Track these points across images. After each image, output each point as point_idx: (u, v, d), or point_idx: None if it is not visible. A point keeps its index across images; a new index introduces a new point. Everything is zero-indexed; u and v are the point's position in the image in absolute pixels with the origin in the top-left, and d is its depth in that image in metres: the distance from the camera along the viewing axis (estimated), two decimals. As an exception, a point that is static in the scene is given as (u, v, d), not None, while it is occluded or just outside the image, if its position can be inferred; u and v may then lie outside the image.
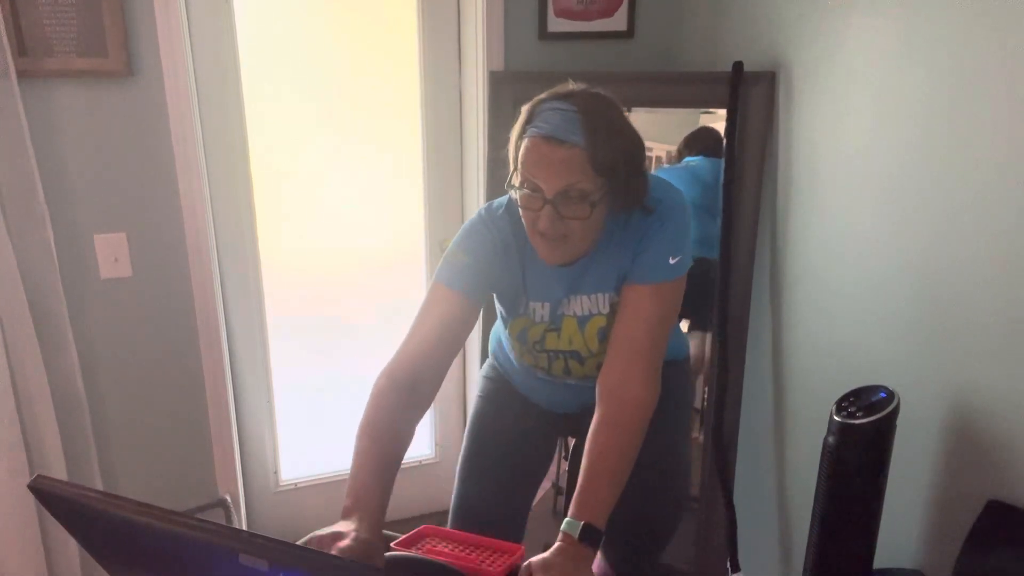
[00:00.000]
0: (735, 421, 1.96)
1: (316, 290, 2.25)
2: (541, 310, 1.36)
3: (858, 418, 1.33)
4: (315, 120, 2.11)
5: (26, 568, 1.82)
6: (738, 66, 1.79)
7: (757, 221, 1.85)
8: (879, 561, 1.43)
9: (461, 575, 1.08)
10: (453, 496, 1.54)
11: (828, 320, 1.68)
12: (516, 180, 1.22)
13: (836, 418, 1.37)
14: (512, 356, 1.52)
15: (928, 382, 1.44)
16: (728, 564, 1.94)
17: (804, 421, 1.79)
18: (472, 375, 2.32)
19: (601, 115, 1.17)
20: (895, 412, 1.33)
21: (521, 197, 1.21)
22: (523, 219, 1.24)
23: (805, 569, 1.47)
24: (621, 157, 1.18)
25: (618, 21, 2.06)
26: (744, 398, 1.95)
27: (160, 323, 1.93)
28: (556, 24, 2.02)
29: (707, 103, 1.90)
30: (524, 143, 1.19)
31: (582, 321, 1.35)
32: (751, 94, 1.80)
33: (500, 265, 1.32)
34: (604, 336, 1.35)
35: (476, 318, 1.31)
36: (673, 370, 1.30)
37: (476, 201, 2.14)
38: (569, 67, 2.01)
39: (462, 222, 1.65)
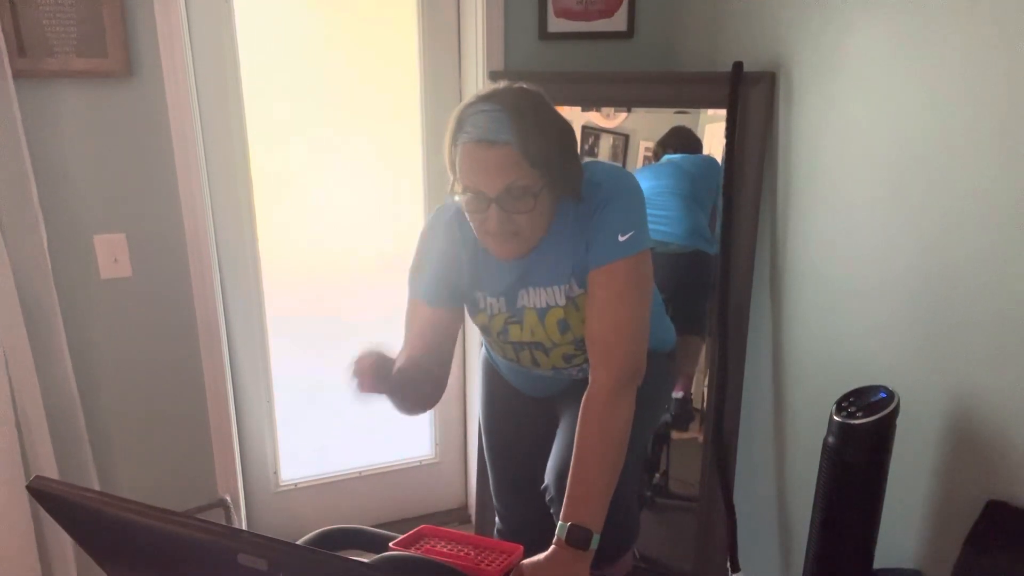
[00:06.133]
0: (735, 421, 1.96)
1: (316, 290, 2.25)
2: (496, 304, 1.38)
3: (858, 418, 1.34)
4: (315, 120, 2.11)
5: (21, 569, 1.81)
6: (738, 66, 1.79)
7: (757, 221, 1.85)
8: (879, 561, 1.43)
9: (460, 575, 1.08)
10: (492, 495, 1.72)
11: (828, 320, 1.68)
12: (458, 187, 1.23)
13: (836, 418, 1.37)
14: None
15: (928, 382, 1.43)
16: (728, 564, 1.94)
17: (804, 421, 1.79)
18: (471, 377, 2.32)
19: (527, 109, 1.19)
20: (895, 412, 1.33)
21: (466, 202, 1.22)
22: (471, 222, 1.26)
23: (805, 569, 1.47)
24: (554, 146, 1.20)
25: (618, 21, 2.06)
26: (744, 398, 1.95)
27: (160, 323, 1.93)
28: (556, 24, 2.01)
29: (707, 103, 1.90)
30: (458, 151, 1.20)
31: (541, 313, 1.37)
32: (751, 94, 1.80)
33: (456, 267, 1.35)
34: (565, 327, 1.36)
35: (459, 320, 1.37)
36: (652, 361, 1.31)
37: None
38: (569, 67, 2.01)
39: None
